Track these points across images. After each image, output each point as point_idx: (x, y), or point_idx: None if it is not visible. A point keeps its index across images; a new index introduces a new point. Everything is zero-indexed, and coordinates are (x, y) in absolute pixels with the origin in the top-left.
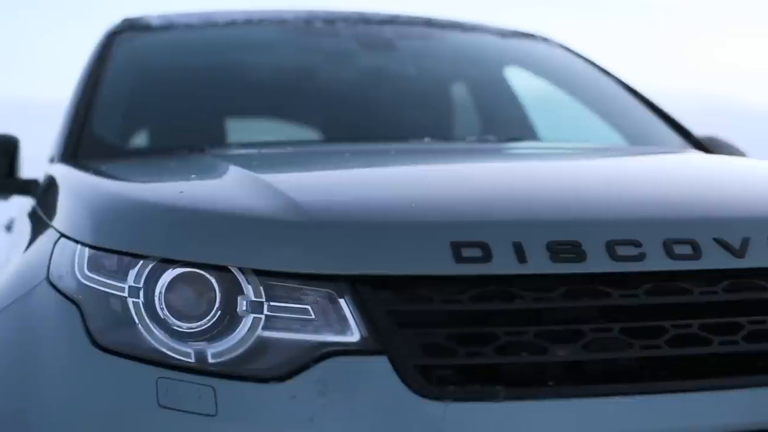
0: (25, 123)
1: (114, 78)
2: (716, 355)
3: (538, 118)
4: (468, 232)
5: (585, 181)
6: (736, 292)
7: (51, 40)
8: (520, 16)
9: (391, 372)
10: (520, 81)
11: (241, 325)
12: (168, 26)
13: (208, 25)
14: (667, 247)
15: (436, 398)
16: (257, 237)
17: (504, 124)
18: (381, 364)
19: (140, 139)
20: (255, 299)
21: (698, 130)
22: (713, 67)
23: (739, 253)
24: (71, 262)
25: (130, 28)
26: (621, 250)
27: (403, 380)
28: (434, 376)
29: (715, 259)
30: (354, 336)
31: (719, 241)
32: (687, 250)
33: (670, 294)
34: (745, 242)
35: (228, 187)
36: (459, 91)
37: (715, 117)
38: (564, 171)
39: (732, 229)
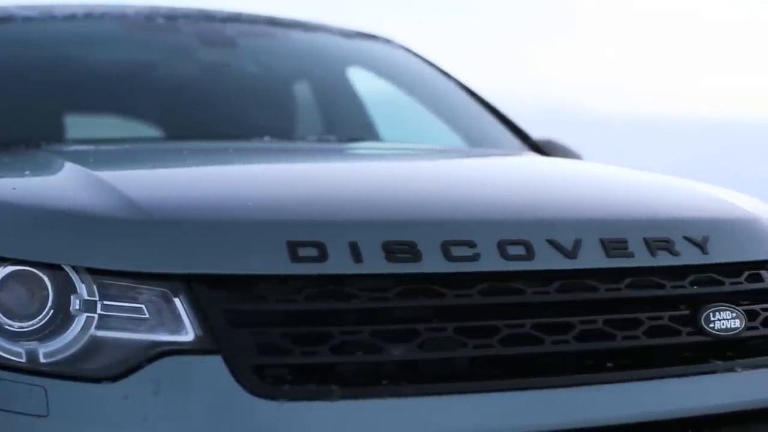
0: None
1: None
2: (548, 354)
3: (379, 119)
4: (304, 232)
5: (422, 182)
6: (567, 292)
7: None
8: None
9: (226, 371)
10: (363, 82)
11: (73, 325)
12: (6, 18)
13: (47, 18)
14: (501, 247)
15: (271, 398)
16: (90, 235)
17: (345, 124)
18: (215, 363)
19: None
20: (88, 298)
21: (537, 133)
22: (556, 74)
23: (571, 254)
24: None
25: None
26: (456, 251)
27: (238, 380)
28: (269, 376)
29: (548, 260)
30: (188, 335)
31: (552, 242)
32: (520, 250)
33: (503, 294)
34: (577, 243)
35: (62, 183)
36: (301, 90)
37: (557, 122)
38: (402, 172)
39: (564, 231)
